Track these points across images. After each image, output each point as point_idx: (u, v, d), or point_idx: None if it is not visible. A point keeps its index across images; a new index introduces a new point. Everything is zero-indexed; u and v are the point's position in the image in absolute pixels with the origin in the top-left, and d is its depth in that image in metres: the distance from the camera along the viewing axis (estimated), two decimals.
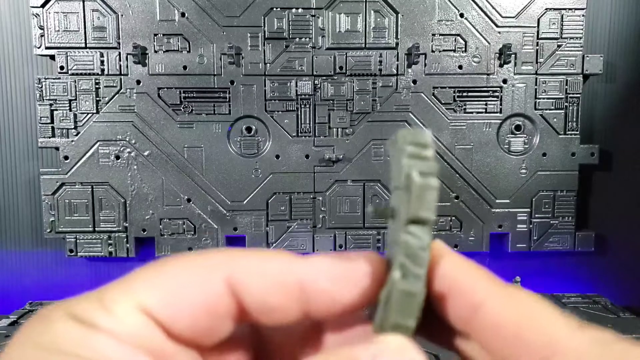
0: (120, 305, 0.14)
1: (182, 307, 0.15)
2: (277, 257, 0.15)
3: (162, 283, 0.15)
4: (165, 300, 0.15)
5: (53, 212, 0.45)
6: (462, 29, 0.45)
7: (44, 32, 0.43)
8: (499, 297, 0.13)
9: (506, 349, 0.13)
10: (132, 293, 0.14)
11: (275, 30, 0.44)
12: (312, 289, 0.15)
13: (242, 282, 0.15)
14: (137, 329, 0.14)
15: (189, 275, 0.15)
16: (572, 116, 0.46)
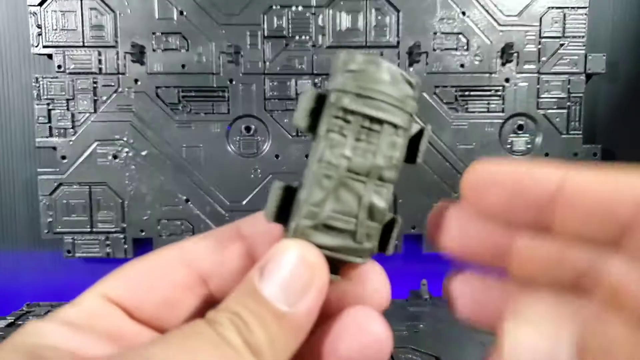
0: (84, 296, 0.15)
1: (138, 281, 0.16)
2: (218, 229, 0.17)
3: (122, 271, 0.16)
4: (123, 280, 0.16)
5: (50, 213, 0.44)
6: (464, 27, 0.44)
7: (41, 31, 0.43)
8: None
9: None
10: (97, 286, 0.16)
11: (275, 28, 0.44)
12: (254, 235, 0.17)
13: (192, 249, 0.16)
14: (95, 313, 0.15)
15: (147, 258, 0.16)
16: (574, 116, 0.46)
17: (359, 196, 0.16)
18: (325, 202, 0.16)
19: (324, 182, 0.16)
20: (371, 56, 0.16)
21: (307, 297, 0.14)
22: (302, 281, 0.14)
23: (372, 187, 0.16)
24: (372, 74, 0.16)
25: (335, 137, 0.16)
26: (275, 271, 0.14)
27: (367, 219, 0.16)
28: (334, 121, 0.16)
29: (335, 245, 0.16)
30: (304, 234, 0.16)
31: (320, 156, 0.16)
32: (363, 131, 0.16)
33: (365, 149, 0.16)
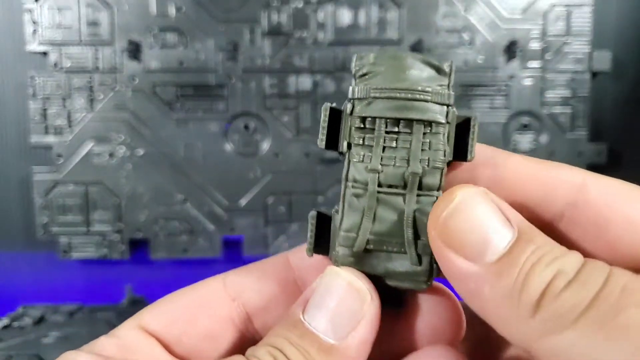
0: (122, 327, 0.15)
1: (178, 313, 0.15)
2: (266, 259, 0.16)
3: (163, 302, 0.16)
4: (162, 312, 0.15)
5: (46, 213, 0.44)
6: (467, 24, 0.44)
7: (36, 28, 0.42)
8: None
9: None
10: (136, 317, 0.15)
11: (275, 24, 0.43)
12: (301, 264, 0.16)
13: (235, 280, 0.16)
14: (131, 345, 0.14)
15: (189, 289, 0.16)
16: (579, 114, 0.45)
17: (400, 212, 0.14)
18: (361, 225, 0.14)
19: (354, 203, 0.14)
20: (386, 51, 0.14)
21: (357, 329, 0.13)
22: (350, 310, 0.13)
23: (413, 198, 0.14)
24: (389, 71, 0.14)
25: (360, 151, 0.14)
26: (320, 301, 0.13)
27: (413, 237, 0.14)
28: (355, 133, 0.14)
29: (384, 271, 0.14)
30: (344, 263, 0.14)
31: (345, 175, 0.14)
32: (390, 137, 0.14)
33: (398, 157, 0.14)
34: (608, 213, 0.13)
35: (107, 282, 0.44)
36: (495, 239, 0.12)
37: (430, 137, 0.14)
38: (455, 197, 0.13)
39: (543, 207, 0.14)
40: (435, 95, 0.14)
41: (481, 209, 0.12)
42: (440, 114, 0.14)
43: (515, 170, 0.14)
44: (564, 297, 0.11)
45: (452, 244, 0.12)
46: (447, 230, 0.12)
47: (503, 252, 0.12)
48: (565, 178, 0.14)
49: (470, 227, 0.12)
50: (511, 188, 0.14)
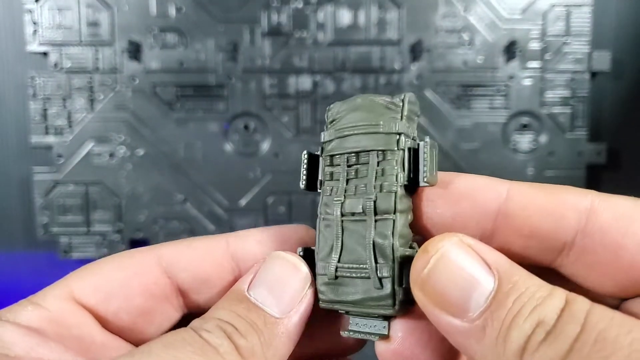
0: (48, 297, 0.14)
1: (114, 287, 0.15)
2: (205, 236, 0.16)
3: (92, 271, 0.15)
4: (96, 283, 0.15)
5: (46, 213, 0.44)
6: (467, 24, 0.44)
7: (36, 28, 0.42)
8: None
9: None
10: (63, 285, 0.15)
11: (274, 25, 0.43)
12: (240, 253, 0.15)
13: (172, 258, 0.15)
14: (63, 318, 0.14)
15: (120, 261, 0.15)
16: (579, 114, 0.45)
17: (362, 238, 0.14)
18: (331, 254, 0.15)
19: (325, 233, 0.15)
20: (347, 99, 0.16)
21: (299, 306, 0.14)
22: (294, 289, 0.14)
23: (372, 223, 0.14)
24: (347, 113, 0.16)
25: (328, 185, 0.15)
26: (266, 278, 0.14)
27: (374, 262, 0.14)
28: (325, 170, 0.15)
29: (357, 298, 0.14)
30: (322, 292, 0.15)
31: (319, 208, 0.16)
32: (352, 169, 0.15)
33: (357, 186, 0.15)
34: (620, 239, 0.13)
35: None
36: (476, 293, 0.12)
37: (384, 164, 0.15)
38: (433, 252, 0.13)
39: (553, 237, 0.14)
40: (387, 125, 0.15)
41: (460, 261, 0.13)
42: (391, 143, 0.15)
43: (520, 202, 0.14)
44: (542, 350, 0.11)
45: (435, 302, 0.13)
46: (429, 288, 0.13)
47: (485, 307, 0.12)
48: (572, 204, 0.13)
49: (451, 282, 0.12)
50: (518, 221, 0.14)
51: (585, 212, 0.13)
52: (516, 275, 0.12)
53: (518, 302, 0.12)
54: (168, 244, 0.16)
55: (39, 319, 0.14)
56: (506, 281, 0.12)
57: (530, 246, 0.14)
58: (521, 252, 0.14)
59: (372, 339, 0.15)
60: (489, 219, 0.14)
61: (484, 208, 0.14)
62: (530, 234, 0.14)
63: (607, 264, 0.13)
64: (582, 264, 0.13)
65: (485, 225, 0.14)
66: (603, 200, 0.13)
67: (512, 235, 0.14)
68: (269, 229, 0.16)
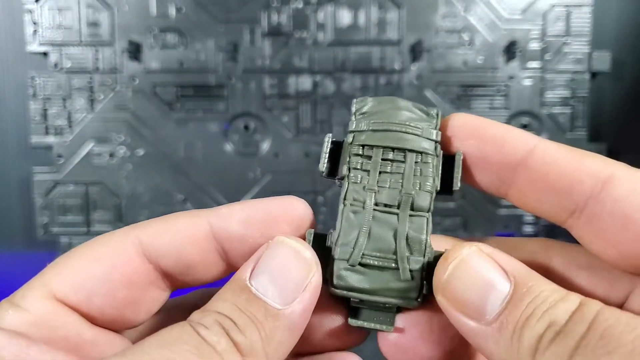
0: (28, 298, 0.14)
1: (95, 284, 0.14)
2: (185, 213, 0.15)
3: (71, 267, 0.14)
4: (76, 282, 0.14)
5: (46, 213, 0.44)
6: (467, 24, 0.44)
7: (37, 29, 0.43)
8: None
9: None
10: (42, 284, 0.14)
11: (275, 25, 0.43)
12: (225, 235, 0.15)
13: (152, 244, 0.15)
14: (47, 320, 0.13)
15: (97, 253, 0.14)
16: (579, 114, 0.45)
17: (393, 229, 0.15)
18: (358, 240, 0.15)
19: (351, 219, 0.15)
20: (382, 97, 0.16)
21: (302, 295, 0.13)
22: (297, 278, 0.14)
23: (406, 217, 0.15)
24: (385, 110, 0.16)
25: (358, 174, 0.16)
26: (267, 267, 0.14)
27: (407, 253, 0.15)
28: (355, 159, 0.16)
29: (377, 287, 0.15)
30: (340, 277, 0.15)
31: (344, 195, 0.16)
32: (387, 163, 0.15)
33: (392, 180, 0.15)
34: (631, 212, 0.13)
35: None
36: (492, 297, 0.13)
37: (421, 165, 0.15)
38: (453, 259, 0.14)
39: (566, 197, 0.14)
40: (426, 131, 0.16)
41: (477, 267, 0.13)
42: (429, 147, 0.16)
43: (543, 158, 0.14)
44: (552, 349, 0.12)
45: (456, 305, 0.13)
46: (449, 292, 0.13)
47: (500, 309, 0.13)
48: (592, 171, 0.14)
49: (469, 287, 0.13)
50: (536, 175, 0.14)
51: (603, 181, 0.13)
52: (532, 281, 0.13)
53: (532, 305, 0.12)
54: (145, 224, 0.15)
55: (23, 323, 0.13)
56: (522, 286, 0.13)
57: (543, 202, 0.14)
58: (535, 206, 0.15)
59: (383, 329, 0.15)
60: (511, 167, 0.14)
61: (508, 156, 0.15)
62: (545, 191, 0.14)
63: (614, 234, 0.13)
64: (590, 229, 0.14)
65: (506, 172, 0.15)
66: (626, 173, 0.13)
67: (528, 188, 0.14)
68: (255, 205, 0.16)
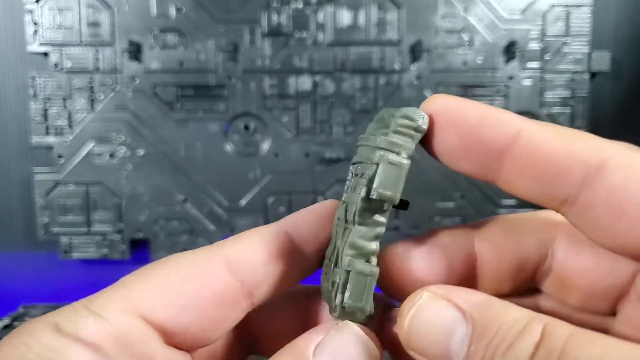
0: (110, 309, 0.13)
1: (187, 301, 0.14)
2: (262, 229, 0.16)
3: (158, 281, 0.14)
4: (165, 299, 0.13)
5: (46, 213, 0.44)
6: (467, 24, 0.44)
7: (37, 29, 0.43)
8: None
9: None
10: (124, 296, 0.13)
11: (275, 25, 0.43)
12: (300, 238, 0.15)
13: (240, 261, 0.14)
14: (127, 333, 0.13)
15: (186, 271, 0.14)
16: (578, 114, 0.45)
17: (342, 242, 0.15)
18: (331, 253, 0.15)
19: (333, 234, 0.15)
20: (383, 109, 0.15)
21: None
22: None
23: (341, 231, 0.15)
24: (371, 125, 0.15)
25: (344, 196, 0.15)
26: (332, 350, 0.13)
27: (334, 266, 0.15)
28: (348, 179, 0.16)
29: (326, 296, 0.15)
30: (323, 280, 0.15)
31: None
32: (355, 179, 0.15)
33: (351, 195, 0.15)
34: (626, 202, 0.12)
35: (107, 282, 0.44)
36: (454, 342, 0.12)
37: (362, 178, 0.15)
38: (408, 313, 0.13)
39: (556, 187, 0.13)
40: (374, 140, 0.15)
41: (434, 315, 0.13)
42: (371, 157, 0.15)
43: (528, 146, 0.13)
44: None
45: (420, 352, 0.13)
46: (413, 345, 0.13)
47: (465, 354, 0.12)
48: (583, 158, 0.13)
49: (430, 337, 0.13)
50: (523, 164, 0.13)
51: (595, 169, 0.12)
52: (489, 315, 0.12)
53: (491, 346, 0.12)
54: (230, 242, 0.15)
55: (102, 335, 0.12)
56: (479, 324, 0.12)
57: (533, 190, 0.13)
58: (524, 194, 0.14)
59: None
60: (495, 155, 0.13)
61: (490, 144, 0.14)
62: (533, 179, 0.13)
63: (609, 224, 0.12)
64: (584, 217, 0.13)
65: (491, 161, 0.14)
66: (620, 158, 0.12)
67: (516, 177, 0.14)
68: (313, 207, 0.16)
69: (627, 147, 0.13)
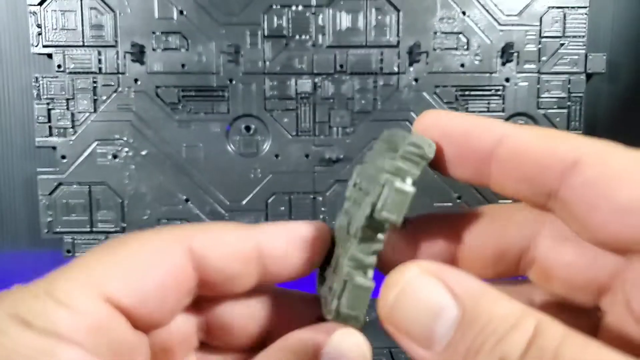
0: (78, 297, 0.12)
1: (152, 289, 0.13)
2: (234, 227, 0.15)
3: (124, 265, 0.13)
4: (130, 284, 0.13)
5: (50, 212, 0.44)
6: (464, 27, 0.44)
7: (41, 30, 0.43)
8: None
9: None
10: (90, 280, 0.12)
11: (275, 28, 0.44)
12: (269, 252, 0.15)
13: (203, 253, 0.14)
14: (102, 323, 0.12)
15: (151, 256, 0.14)
16: (575, 116, 0.46)
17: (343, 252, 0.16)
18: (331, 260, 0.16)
19: (336, 242, 0.16)
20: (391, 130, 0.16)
21: None
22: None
23: (350, 244, 0.15)
24: (379, 141, 0.16)
25: (346, 205, 0.16)
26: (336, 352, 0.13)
27: (333, 271, 0.16)
28: (351, 191, 0.16)
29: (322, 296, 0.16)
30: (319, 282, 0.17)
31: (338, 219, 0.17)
32: (359, 195, 0.16)
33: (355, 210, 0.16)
34: (597, 197, 0.12)
35: None
36: (440, 324, 0.12)
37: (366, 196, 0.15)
38: (395, 286, 0.13)
39: (539, 185, 0.13)
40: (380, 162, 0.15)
41: (422, 293, 0.12)
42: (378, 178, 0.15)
43: (511, 148, 0.14)
44: None
45: (401, 330, 0.12)
46: (395, 321, 0.12)
47: (449, 338, 0.12)
48: (560, 155, 0.13)
49: (414, 315, 0.12)
50: (508, 166, 0.14)
51: (571, 165, 0.13)
52: (482, 304, 0.12)
53: (480, 336, 0.11)
54: (197, 231, 0.15)
55: (79, 330, 0.12)
56: (470, 311, 0.12)
57: (520, 190, 0.14)
58: (513, 194, 0.14)
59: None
60: (483, 160, 0.14)
61: (477, 150, 0.14)
62: (519, 180, 0.14)
63: (584, 219, 0.13)
64: (565, 213, 0.13)
65: (481, 166, 0.14)
66: (594, 156, 0.13)
67: (504, 179, 0.14)
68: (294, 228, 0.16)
69: (603, 145, 0.13)
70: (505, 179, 0.14)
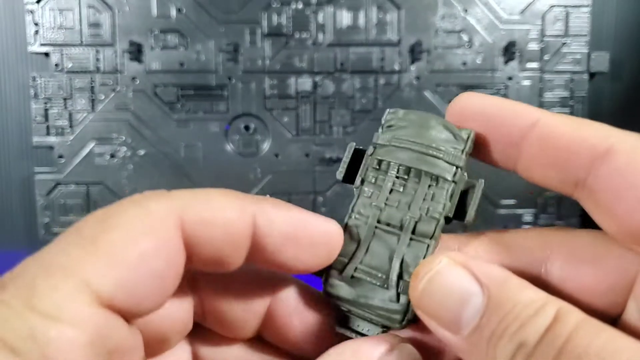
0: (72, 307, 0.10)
1: (139, 280, 0.12)
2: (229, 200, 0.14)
3: (111, 257, 0.11)
4: (120, 278, 0.11)
5: (47, 213, 0.44)
6: (466, 25, 0.44)
7: (38, 29, 0.43)
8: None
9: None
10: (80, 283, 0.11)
11: (275, 26, 0.43)
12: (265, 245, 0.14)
13: (195, 232, 0.13)
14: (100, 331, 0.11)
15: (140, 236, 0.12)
16: (577, 115, 0.45)
17: (391, 250, 0.15)
18: (355, 254, 0.15)
19: (353, 232, 0.15)
20: (415, 111, 0.16)
21: None
22: None
23: (406, 240, 0.15)
24: (412, 126, 0.16)
25: (368, 188, 0.16)
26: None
27: (396, 276, 0.15)
28: (370, 173, 0.16)
29: (363, 301, 0.15)
30: (332, 285, 0.15)
31: (352, 206, 0.16)
32: (399, 182, 0.15)
33: (402, 200, 0.15)
34: (623, 187, 0.13)
35: None
36: (467, 309, 0.13)
37: (435, 189, 0.15)
38: (425, 274, 0.13)
39: (567, 172, 0.14)
40: (447, 155, 0.15)
41: (450, 280, 0.13)
42: (448, 172, 0.15)
43: (543, 133, 0.14)
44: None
45: (431, 315, 0.13)
46: (425, 307, 0.13)
47: (475, 324, 0.12)
48: (590, 143, 0.13)
49: (443, 301, 0.13)
50: (538, 151, 0.14)
51: (602, 154, 0.13)
52: (507, 291, 0.12)
53: (503, 322, 0.12)
54: (190, 200, 0.13)
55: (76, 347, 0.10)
56: (495, 298, 0.12)
57: (547, 176, 0.14)
58: (540, 179, 0.15)
59: None
60: (514, 143, 0.14)
61: (510, 132, 0.15)
62: (547, 165, 0.14)
63: (611, 207, 0.13)
64: (592, 201, 0.14)
65: (511, 149, 0.15)
66: (624, 145, 0.13)
67: (532, 163, 0.14)
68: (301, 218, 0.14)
69: (635, 136, 0.13)
70: (535, 164, 0.14)
